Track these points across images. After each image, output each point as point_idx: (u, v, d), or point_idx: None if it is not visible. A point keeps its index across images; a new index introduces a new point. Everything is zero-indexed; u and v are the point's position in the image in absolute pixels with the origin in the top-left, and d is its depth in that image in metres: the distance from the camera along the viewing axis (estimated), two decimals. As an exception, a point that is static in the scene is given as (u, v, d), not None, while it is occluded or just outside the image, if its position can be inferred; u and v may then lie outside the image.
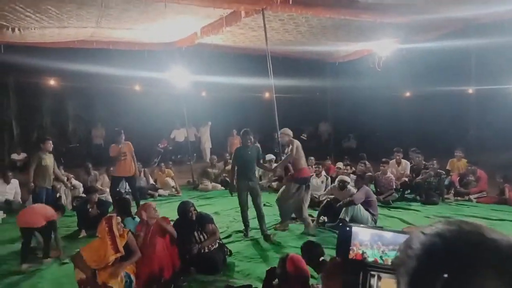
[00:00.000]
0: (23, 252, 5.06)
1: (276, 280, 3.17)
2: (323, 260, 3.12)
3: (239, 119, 15.00)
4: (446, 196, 8.17)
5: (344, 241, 1.15)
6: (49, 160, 6.76)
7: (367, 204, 6.20)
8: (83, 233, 6.32)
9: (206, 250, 4.64)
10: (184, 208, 4.79)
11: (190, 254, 4.61)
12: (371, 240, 1.13)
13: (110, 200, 7.90)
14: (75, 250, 5.25)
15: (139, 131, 15.28)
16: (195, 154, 13.72)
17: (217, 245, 4.76)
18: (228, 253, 4.84)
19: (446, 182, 8.45)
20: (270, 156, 10.19)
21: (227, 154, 11.39)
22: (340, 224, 1.25)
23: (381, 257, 1.12)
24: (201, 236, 4.72)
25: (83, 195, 8.60)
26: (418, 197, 8.21)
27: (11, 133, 13.97)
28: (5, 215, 7.53)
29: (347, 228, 1.16)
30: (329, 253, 4.95)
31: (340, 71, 12.13)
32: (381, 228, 1.19)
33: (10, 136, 13.88)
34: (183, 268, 4.51)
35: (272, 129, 10.37)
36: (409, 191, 8.59)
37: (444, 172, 8.44)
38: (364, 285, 1.09)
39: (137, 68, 10.82)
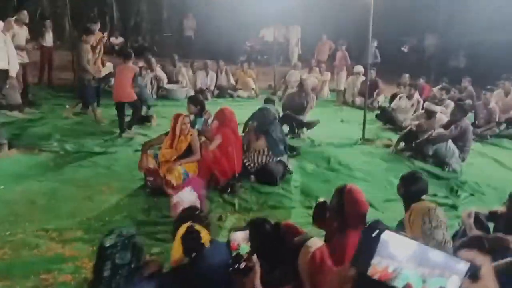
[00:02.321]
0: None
1: (328, 214, 2.82)
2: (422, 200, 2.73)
3: (330, 23, 13.68)
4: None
5: (366, 250, 0.83)
6: (90, 53, 6.64)
7: (460, 139, 5.43)
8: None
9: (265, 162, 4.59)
10: None
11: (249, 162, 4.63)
12: (410, 257, 0.80)
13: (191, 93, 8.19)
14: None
15: (225, 26, 14.70)
16: (281, 57, 13.19)
17: (278, 159, 4.64)
18: (290, 172, 4.73)
19: None
20: (358, 68, 9.37)
21: (313, 61, 10.72)
22: (369, 224, 0.95)
23: (423, 281, 0.78)
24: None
25: (167, 86, 8.99)
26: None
27: (111, 17, 14.62)
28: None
29: (374, 234, 0.83)
30: (391, 182, 4.52)
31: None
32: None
33: (110, 19, 14.55)
34: (243, 174, 4.55)
35: (365, 38, 9.29)
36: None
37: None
38: None
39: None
